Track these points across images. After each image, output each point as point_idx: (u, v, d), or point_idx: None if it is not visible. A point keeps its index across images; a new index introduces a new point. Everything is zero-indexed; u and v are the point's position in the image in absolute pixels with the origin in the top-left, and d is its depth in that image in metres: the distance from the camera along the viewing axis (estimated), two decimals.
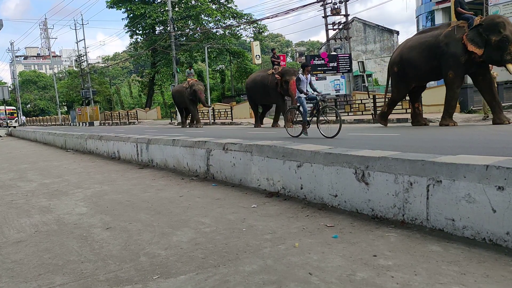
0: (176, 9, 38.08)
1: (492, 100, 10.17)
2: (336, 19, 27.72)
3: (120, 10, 40.06)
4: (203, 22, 39.50)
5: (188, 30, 38.55)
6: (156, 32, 40.49)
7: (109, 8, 40.65)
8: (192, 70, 23.53)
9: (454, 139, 6.93)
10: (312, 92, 9.26)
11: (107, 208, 3.82)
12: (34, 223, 3.44)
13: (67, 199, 4.39)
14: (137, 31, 41.79)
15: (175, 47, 29.55)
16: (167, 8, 30.80)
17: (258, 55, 29.27)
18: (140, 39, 42.32)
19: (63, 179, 5.94)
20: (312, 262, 2.20)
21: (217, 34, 38.80)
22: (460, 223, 2.41)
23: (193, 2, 38.96)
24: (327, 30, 27.40)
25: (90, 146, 9.94)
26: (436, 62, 10.36)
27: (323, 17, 26.97)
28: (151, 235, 2.89)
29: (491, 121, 10.90)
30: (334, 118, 9.58)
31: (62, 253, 2.62)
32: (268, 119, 23.05)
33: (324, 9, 26.76)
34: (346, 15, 27.68)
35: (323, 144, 4.12)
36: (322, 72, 25.43)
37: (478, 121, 12.38)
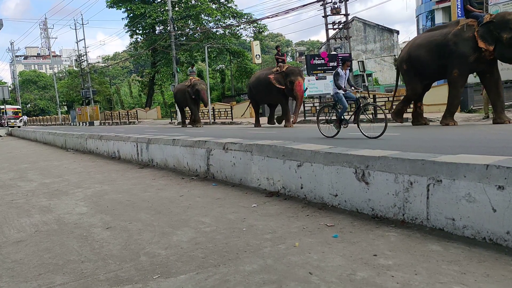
0: (176, 8, 38.08)
1: (496, 99, 10.15)
2: (336, 18, 27.76)
3: (120, 9, 40.11)
4: (203, 22, 39.51)
5: (188, 29, 38.55)
6: (156, 31, 40.51)
7: (109, 8, 40.71)
8: (194, 68, 23.43)
9: (454, 138, 6.94)
10: (350, 88, 8.77)
11: (107, 208, 3.82)
12: (34, 222, 3.44)
13: (67, 199, 4.39)
14: (137, 31, 41.79)
15: (175, 46, 29.57)
16: (167, 8, 30.83)
17: (258, 55, 29.25)
18: (140, 39, 42.34)
19: (63, 178, 5.95)
20: (312, 262, 2.20)
21: (217, 33, 38.81)
22: (460, 222, 2.41)
23: (193, 2, 38.97)
24: (327, 30, 27.40)
25: (90, 146, 9.94)
26: (444, 61, 10.27)
27: (323, 16, 26.98)
28: (152, 234, 2.89)
29: (492, 120, 10.90)
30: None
31: (62, 252, 2.62)
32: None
33: (324, 8, 26.76)
34: (346, 15, 27.68)
35: (324, 144, 4.12)
36: (322, 71, 25.43)
37: (478, 120, 12.38)
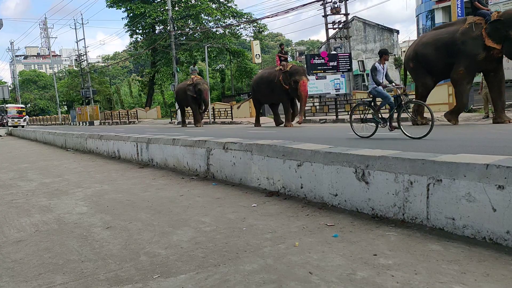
0: (176, 8, 38.08)
1: (497, 98, 10.13)
2: (336, 18, 27.78)
3: (120, 9, 40.09)
4: (203, 22, 39.50)
5: (188, 29, 38.54)
6: (156, 31, 40.50)
7: (109, 8, 40.68)
8: (196, 67, 23.32)
9: (454, 138, 6.93)
10: (388, 84, 8.02)
11: (107, 208, 3.82)
12: (34, 222, 3.44)
13: (67, 199, 4.39)
14: (137, 31, 41.80)
15: (175, 46, 29.56)
16: (167, 8, 30.82)
17: (258, 54, 29.29)
18: (140, 39, 42.33)
19: (63, 178, 5.94)
20: (312, 261, 2.20)
21: (217, 33, 38.81)
22: (460, 222, 2.41)
23: (193, 2, 38.96)
24: (327, 29, 27.41)
25: (90, 146, 9.94)
26: (452, 59, 10.18)
27: (323, 16, 26.99)
28: (151, 234, 2.89)
29: (491, 120, 10.90)
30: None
31: (63, 252, 2.62)
32: (268, 118, 23.07)
33: (324, 8, 26.77)
34: (346, 14, 27.70)
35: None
36: (322, 71, 25.43)
37: (478, 120, 12.38)
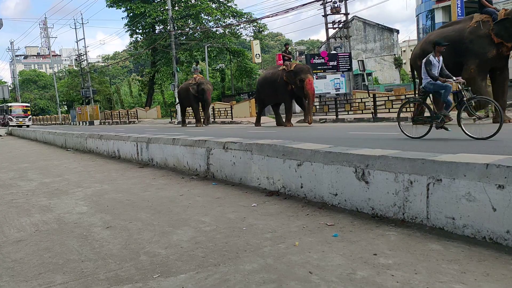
0: (176, 8, 38.09)
1: (500, 98, 10.09)
2: (336, 18, 27.79)
3: (120, 9, 40.11)
4: (203, 21, 39.50)
5: (188, 29, 38.54)
6: (156, 31, 40.51)
7: (109, 7, 40.71)
8: (198, 66, 23.22)
9: (454, 137, 6.93)
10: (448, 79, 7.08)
11: (107, 207, 3.83)
12: (34, 222, 3.44)
13: (67, 198, 4.39)
14: (137, 30, 41.80)
15: (175, 46, 29.55)
16: (167, 7, 30.81)
17: (258, 54, 29.28)
18: (140, 38, 42.34)
19: (63, 178, 5.95)
20: (312, 261, 2.20)
21: (217, 33, 38.82)
22: (460, 221, 2.41)
23: (193, 1, 38.97)
24: (327, 29, 27.41)
25: (90, 145, 9.94)
26: (460, 58, 10.06)
27: (323, 16, 27.00)
28: (151, 234, 2.89)
29: (492, 119, 10.89)
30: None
31: (63, 252, 2.62)
32: (268, 118, 23.06)
33: (324, 7, 26.77)
34: (346, 14, 27.70)
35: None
36: (322, 71, 25.42)
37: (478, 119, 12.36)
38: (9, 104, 43.04)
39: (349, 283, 1.92)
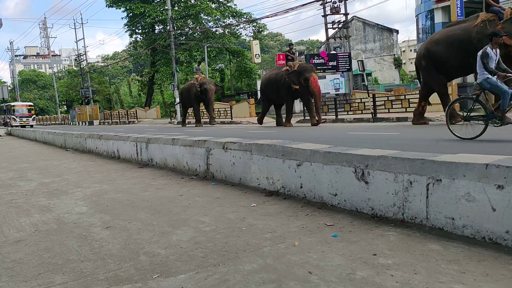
0: (176, 8, 38.09)
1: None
2: (336, 18, 27.79)
3: (120, 9, 40.09)
4: (203, 21, 39.50)
5: (188, 29, 38.54)
6: (156, 31, 40.50)
7: (108, 7, 40.72)
8: (200, 66, 23.16)
9: (453, 137, 6.93)
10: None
11: (106, 207, 3.82)
12: (33, 222, 3.44)
13: (66, 198, 4.39)
14: (136, 30, 41.79)
15: (175, 46, 29.56)
16: (166, 7, 30.81)
17: (258, 54, 29.28)
18: (140, 38, 42.33)
19: (63, 178, 5.94)
20: (312, 261, 2.20)
21: (216, 33, 38.83)
22: (459, 222, 2.41)
23: (192, 1, 38.98)
24: (326, 29, 27.42)
25: (89, 146, 9.93)
26: (468, 58, 9.71)
27: (322, 16, 27.00)
28: (151, 234, 2.89)
29: None
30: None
31: (62, 252, 2.62)
32: (268, 118, 23.04)
33: (324, 8, 26.77)
34: (346, 14, 27.71)
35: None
36: (322, 71, 25.42)
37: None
38: (12, 104, 42.50)
39: (348, 283, 1.92)
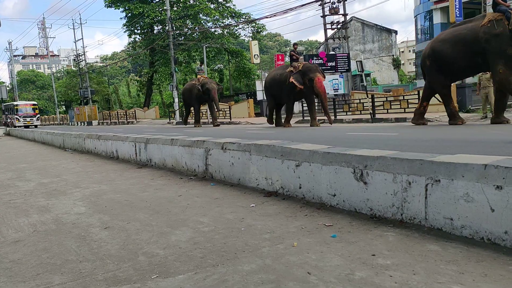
0: (175, 8, 38.07)
1: (502, 98, 10.02)
2: (335, 18, 27.79)
3: (118, 9, 40.04)
4: (202, 22, 39.48)
5: (187, 29, 38.51)
6: (155, 31, 40.47)
7: (107, 8, 40.65)
8: (202, 66, 23.00)
9: (453, 138, 6.94)
10: None
11: (105, 208, 3.82)
12: (32, 222, 3.43)
13: (65, 199, 4.39)
14: (135, 31, 41.75)
15: (174, 46, 29.53)
16: (165, 8, 30.78)
17: (257, 55, 29.25)
18: (139, 39, 42.30)
19: (62, 178, 5.94)
20: (310, 262, 2.20)
21: (215, 33, 38.81)
22: (458, 222, 2.41)
23: (191, 2, 38.96)
24: (325, 30, 27.44)
25: (88, 146, 9.92)
26: (475, 58, 9.79)
27: (321, 16, 27.01)
28: (150, 234, 2.88)
29: (490, 120, 10.92)
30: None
31: (61, 252, 2.62)
32: (266, 119, 23.00)
33: (323, 8, 26.79)
34: (345, 15, 27.72)
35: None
36: None
37: (477, 120, 12.41)
38: (15, 103, 41.70)
39: (347, 283, 1.92)
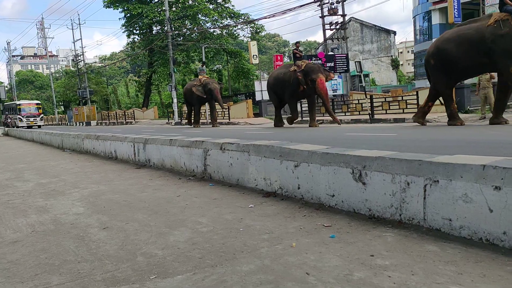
0: (173, 9, 38.03)
1: (502, 98, 10.03)
2: (333, 19, 27.86)
3: (117, 9, 39.97)
4: (200, 22, 39.45)
5: (185, 30, 38.50)
6: (153, 32, 40.43)
7: (106, 8, 40.59)
8: (204, 67, 22.95)
9: (451, 139, 6.95)
10: None
11: (104, 208, 3.81)
12: (30, 223, 3.43)
13: (64, 199, 4.38)
14: (134, 31, 41.72)
15: (172, 47, 29.52)
16: (164, 8, 30.78)
17: (255, 55, 29.23)
18: (137, 39, 42.26)
19: (60, 179, 5.93)
20: (309, 262, 2.20)
21: (214, 34, 38.79)
22: (457, 223, 2.41)
23: (190, 2, 38.91)
24: (324, 30, 27.49)
25: (87, 146, 9.91)
26: (481, 59, 9.69)
27: (320, 17, 27.06)
28: (148, 235, 2.88)
29: (488, 121, 10.93)
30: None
31: (59, 253, 2.61)
32: (265, 119, 23.06)
33: (321, 9, 26.84)
34: (343, 15, 27.77)
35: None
36: None
37: (475, 121, 12.43)
38: (18, 102, 41.01)
39: (346, 284, 1.92)
